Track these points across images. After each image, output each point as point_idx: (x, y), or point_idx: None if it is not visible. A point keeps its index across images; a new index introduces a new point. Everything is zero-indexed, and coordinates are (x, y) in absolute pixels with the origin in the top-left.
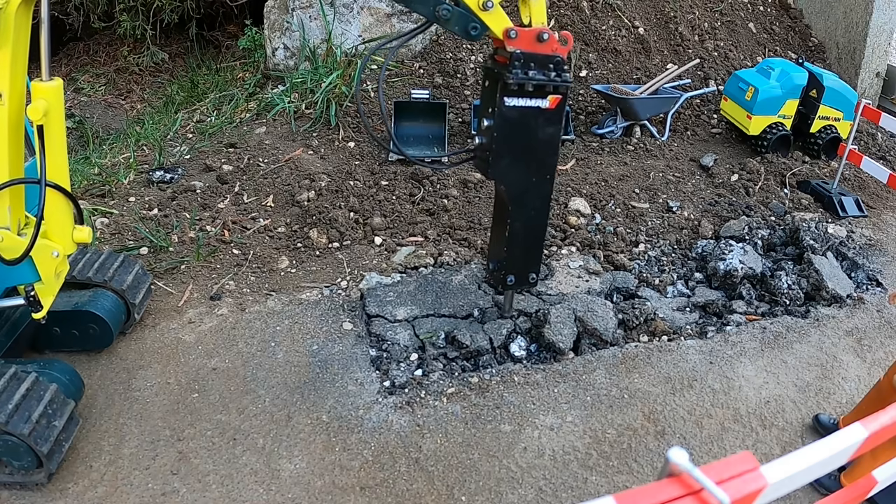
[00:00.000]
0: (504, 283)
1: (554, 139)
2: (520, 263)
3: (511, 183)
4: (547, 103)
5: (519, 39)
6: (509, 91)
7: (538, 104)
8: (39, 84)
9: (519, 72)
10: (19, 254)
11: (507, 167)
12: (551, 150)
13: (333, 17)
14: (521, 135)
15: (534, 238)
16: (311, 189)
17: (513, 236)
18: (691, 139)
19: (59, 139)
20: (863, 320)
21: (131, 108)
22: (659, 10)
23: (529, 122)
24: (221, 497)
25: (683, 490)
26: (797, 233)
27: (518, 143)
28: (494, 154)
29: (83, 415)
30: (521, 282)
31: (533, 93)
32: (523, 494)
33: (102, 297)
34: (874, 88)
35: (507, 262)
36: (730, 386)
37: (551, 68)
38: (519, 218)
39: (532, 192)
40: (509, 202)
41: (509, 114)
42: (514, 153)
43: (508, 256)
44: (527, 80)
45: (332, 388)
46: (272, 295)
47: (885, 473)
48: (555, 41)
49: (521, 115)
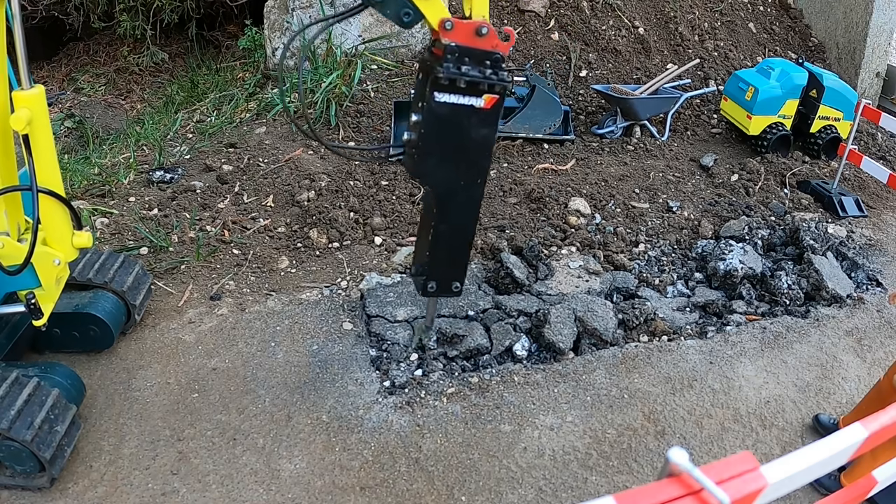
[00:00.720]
0: (425, 290)
1: (488, 141)
2: (443, 270)
3: (438, 184)
4: (482, 102)
5: (455, 32)
6: (439, 86)
7: (472, 103)
8: (20, 93)
9: (451, 66)
10: (20, 260)
11: (434, 167)
12: (484, 153)
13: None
14: (451, 134)
15: (459, 245)
16: (311, 189)
17: (437, 241)
18: (691, 139)
19: (47, 146)
20: (863, 320)
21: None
22: (659, 10)
23: (461, 121)
24: (221, 497)
25: (683, 490)
26: (797, 233)
27: (447, 142)
28: (420, 152)
29: (83, 415)
30: (443, 290)
31: (466, 90)
32: (523, 494)
33: (103, 299)
34: (874, 88)
35: (429, 268)
36: (730, 386)
37: (488, 65)
38: (445, 222)
39: (460, 196)
40: (435, 204)
41: (439, 110)
42: (443, 153)
43: (431, 262)
44: (459, 75)
45: (332, 388)
46: (272, 295)
47: (885, 473)
48: (495, 37)
49: (452, 112)
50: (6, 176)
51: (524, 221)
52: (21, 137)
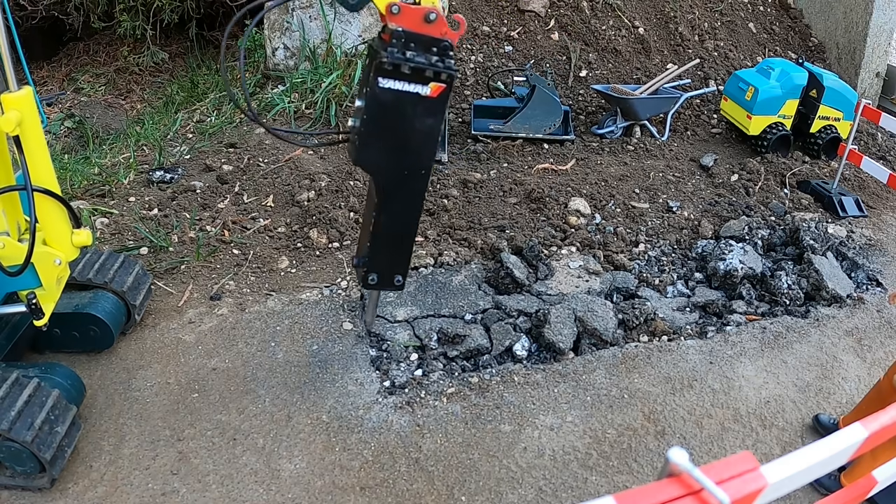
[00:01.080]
0: (365, 282)
1: (433, 132)
2: (384, 262)
3: (379, 173)
4: (428, 90)
5: (402, 16)
6: (383, 71)
7: (417, 90)
8: (8, 96)
9: (395, 51)
10: (20, 261)
11: (376, 155)
12: (429, 144)
13: (333, 17)
14: (394, 122)
15: (402, 237)
16: (311, 189)
17: (378, 232)
18: (691, 139)
19: (39, 146)
20: (863, 320)
21: (131, 108)
22: (659, 10)
23: (406, 108)
24: (221, 497)
25: (683, 490)
26: (797, 233)
27: (391, 130)
28: (362, 138)
29: (83, 415)
30: (385, 283)
31: (410, 76)
32: (523, 494)
33: (103, 299)
34: (874, 88)
35: (370, 260)
36: (730, 386)
37: (435, 52)
38: (387, 213)
39: (403, 187)
40: (377, 194)
41: (383, 96)
42: (386, 141)
43: (372, 253)
44: (403, 61)
45: (332, 388)
46: (272, 295)
47: (885, 473)
48: (444, 24)
49: (396, 99)
50: (2, 177)
51: (524, 221)
52: (12, 139)
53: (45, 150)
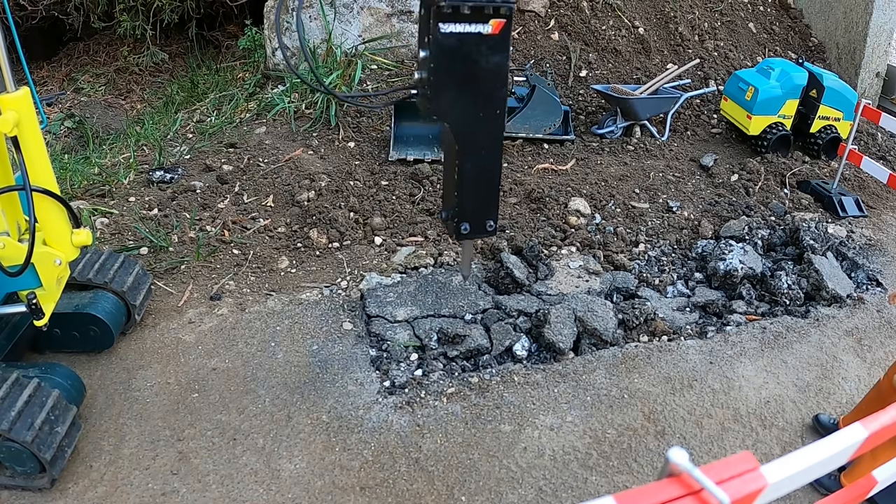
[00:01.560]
0: (458, 233)
1: (501, 69)
2: (474, 210)
3: (456, 120)
4: (489, 28)
5: None
6: (443, 16)
7: (479, 30)
8: (6, 96)
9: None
10: (20, 261)
11: (450, 102)
12: (499, 82)
13: (333, 17)
14: (462, 65)
15: (487, 181)
16: (311, 189)
17: (463, 180)
18: (691, 139)
19: (37, 146)
20: (863, 320)
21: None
22: (659, 10)
23: (471, 50)
24: (221, 497)
25: (683, 490)
26: (797, 233)
27: (460, 74)
28: (434, 88)
29: (83, 415)
30: (478, 230)
31: (470, 16)
32: (523, 494)
33: (103, 299)
34: (874, 88)
35: (459, 210)
36: (730, 386)
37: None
38: (468, 159)
39: (481, 130)
40: (456, 142)
41: (446, 42)
42: (457, 86)
43: (460, 203)
44: (462, 2)
45: (332, 388)
46: (272, 295)
47: (885, 473)
48: None
49: (460, 42)
50: (2, 177)
51: (524, 221)
52: (10, 140)
53: (43, 150)
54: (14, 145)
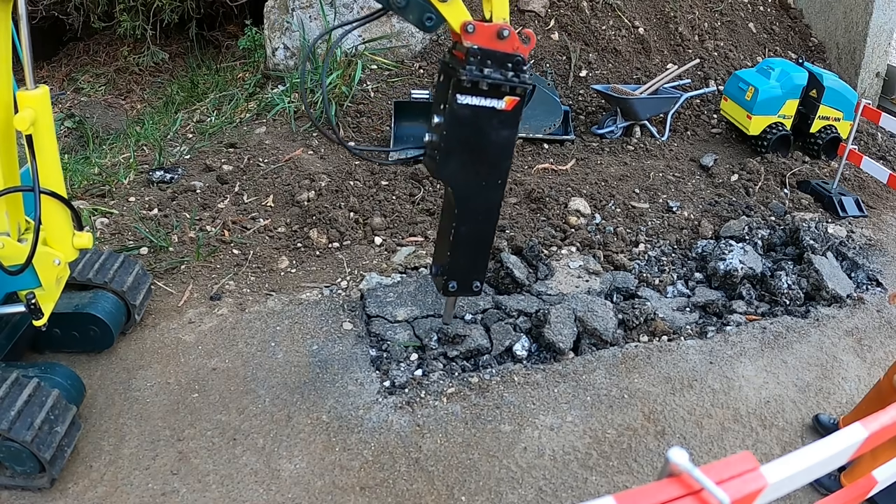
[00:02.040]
0: (446, 290)
1: (509, 143)
2: (463, 270)
3: (459, 185)
4: (503, 104)
5: (477, 34)
6: (462, 88)
7: (493, 105)
8: (25, 93)
9: (474, 69)
10: (20, 260)
11: (456, 168)
12: (505, 155)
13: (334, 17)
14: (472, 135)
15: (479, 245)
16: (311, 189)
17: (457, 241)
18: (691, 139)
19: (51, 147)
20: (863, 320)
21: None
22: (659, 10)
23: (483, 122)
24: (221, 497)
25: (683, 490)
26: (797, 233)
27: (469, 143)
28: (443, 153)
29: (83, 415)
30: (464, 289)
31: (488, 92)
32: (523, 494)
33: (103, 299)
34: (874, 88)
35: (449, 268)
36: (730, 386)
37: (509, 67)
38: (465, 223)
39: (481, 197)
40: (456, 205)
41: (461, 112)
42: (465, 154)
43: (452, 262)
44: (482, 77)
45: (332, 388)
46: (272, 295)
47: (885, 473)
48: (516, 39)
49: (473, 114)
50: (8, 176)
51: (524, 221)
52: (24, 138)
53: (55, 151)
54: (28, 144)
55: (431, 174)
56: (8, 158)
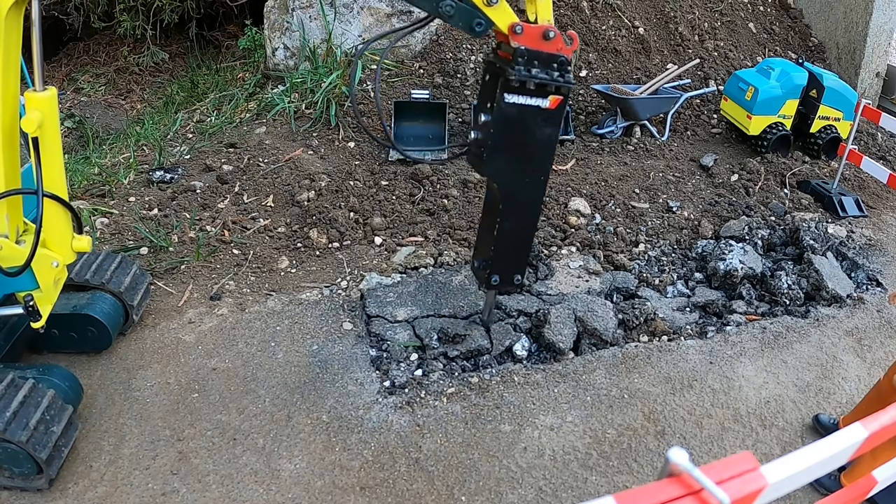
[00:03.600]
0: (488, 283)
1: (551, 140)
2: (505, 264)
3: (504, 181)
4: (547, 103)
5: (524, 36)
6: (510, 88)
7: (538, 103)
8: (33, 95)
9: (522, 69)
10: (18, 262)
11: (502, 165)
12: (548, 152)
13: (333, 17)
14: (518, 133)
15: (522, 239)
16: (311, 189)
17: (501, 236)
18: (691, 139)
19: (55, 149)
20: (863, 320)
21: (131, 108)
22: (659, 10)
23: (528, 120)
24: (221, 497)
25: (683, 490)
26: (797, 233)
27: (515, 141)
28: (490, 150)
29: (83, 415)
30: (506, 283)
31: (534, 91)
32: (523, 494)
33: (100, 300)
34: (874, 88)
35: (492, 262)
36: (730, 386)
37: (555, 68)
38: (509, 217)
39: (525, 193)
40: (501, 201)
41: (508, 111)
42: (510, 151)
43: (495, 256)
44: (529, 77)
45: (332, 388)
46: (272, 295)
47: (885, 473)
48: (560, 40)
49: (520, 112)
50: (10, 178)
51: None
52: (30, 140)
53: (60, 153)
54: (33, 146)
55: (477, 171)
56: (11, 159)
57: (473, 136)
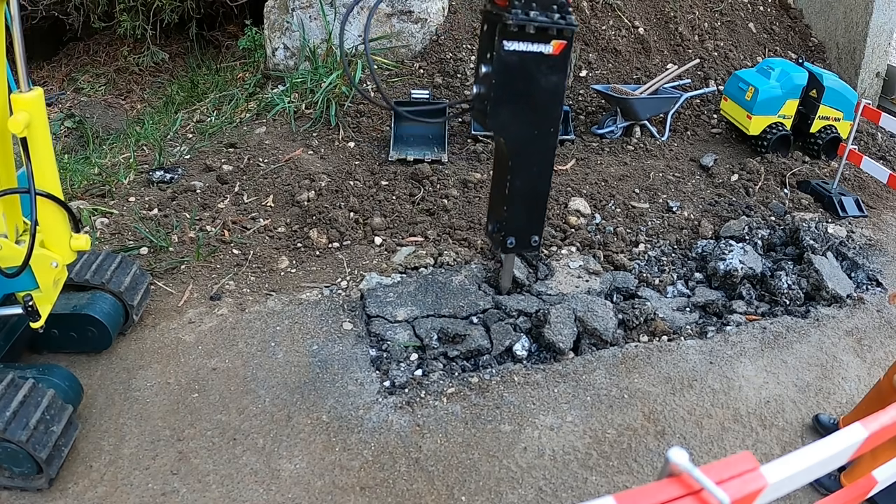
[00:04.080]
0: (504, 246)
1: (558, 89)
2: (521, 224)
3: (511, 135)
4: (550, 49)
5: None
6: (509, 34)
7: (540, 49)
8: (19, 96)
9: (519, 12)
10: (18, 262)
11: (508, 118)
12: (555, 101)
13: (334, 17)
14: (522, 83)
15: (536, 197)
16: (311, 189)
17: (513, 194)
18: (691, 139)
19: (46, 149)
20: (863, 320)
21: (131, 108)
22: (659, 10)
23: (531, 68)
24: (221, 497)
25: (683, 490)
26: (797, 233)
27: (519, 91)
28: (493, 103)
29: (83, 415)
30: (522, 244)
31: (535, 36)
32: (523, 494)
33: (100, 300)
34: (874, 88)
35: (507, 223)
36: (730, 386)
37: (554, 10)
38: (520, 174)
39: (534, 146)
40: (509, 157)
41: (509, 59)
42: (515, 103)
43: (509, 216)
44: (528, 21)
45: (332, 388)
46: (272, 295)
47: (885, 473)
48: None
49: (521, 60)
50: (4, 178)
51: None
52: (19, 141)
53: (51, 153)
54: (23, 147)
55: (482, 126)
56: (4, 161)
57: (476, 91)
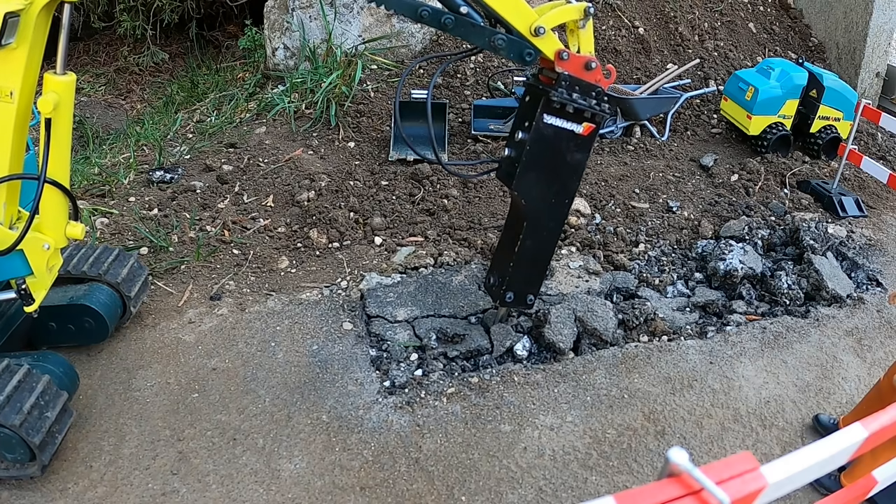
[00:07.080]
0: (503, 300)
1: (580, 166)
2: (522, 282)
3: (531, 200)
4: (581, 129)
5: (569, 62)
6: (551, 108)
7: (573, 128)
8: (53, 77)
9: (564, 92)
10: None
11: (532, 183)
12: (575, 176)
13: (334, 17)
14: (551, 154)
15: (540, 259)
16: (311, 189)
17: (521, 253)
18: (691, 139)
19: (65, 134)
20: (863, 320)
21: (131, 108)
22: (659, 10)
23: (561, 143)
24: (221, 497)
25: (683, 490)
26: (797, 233)
27: (546, 161)
28: (523, 167)
29: (83, 415)
30: (519, 302)
31: (571, 115)
32: (523, 494)
33: (97, 291)
34: (874, 88)
35: (509, 279)
36: (730, 386)
37: (593, 96)
38: (531, 236)
39: (549, 213)
40: (525, 218)
41: (545, 131)
42: (541, 171)
43: (513, 273)
44: (569, 101)
45: (332, 388)
46: (272, 295)
47: (885, 473)
48: (600, 72)
49: (555, 134)
50: (15, 165)
51: None
52: (42, 121)
53: (68, 138)
54: (45, 128)
55: (507, 186)
56: (18, 147)
57: (507, 153)
